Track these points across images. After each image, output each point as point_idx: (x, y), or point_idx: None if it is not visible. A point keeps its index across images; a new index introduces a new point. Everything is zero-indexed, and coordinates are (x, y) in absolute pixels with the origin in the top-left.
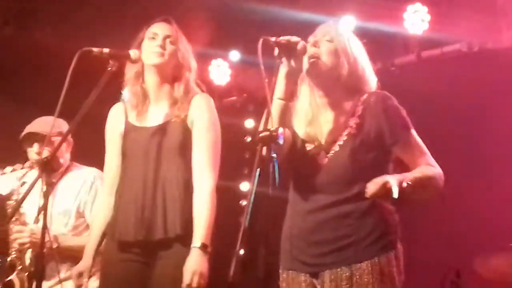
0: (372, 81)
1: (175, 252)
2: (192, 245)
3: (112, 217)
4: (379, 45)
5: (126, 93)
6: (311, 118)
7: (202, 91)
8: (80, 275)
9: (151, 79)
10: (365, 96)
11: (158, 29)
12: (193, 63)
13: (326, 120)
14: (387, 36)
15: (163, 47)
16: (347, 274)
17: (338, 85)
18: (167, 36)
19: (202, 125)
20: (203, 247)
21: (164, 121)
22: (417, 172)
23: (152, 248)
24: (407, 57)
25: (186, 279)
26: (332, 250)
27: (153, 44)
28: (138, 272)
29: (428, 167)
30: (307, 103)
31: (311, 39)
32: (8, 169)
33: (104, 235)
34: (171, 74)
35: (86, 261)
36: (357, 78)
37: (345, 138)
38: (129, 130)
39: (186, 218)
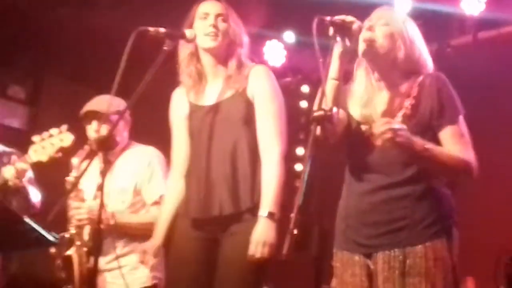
0: (428, 63)
1: (246, 226)
2: (259, 214)
3: (184, 196)
4: (435, 26)
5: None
6: (366, 100)
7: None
8: (144, 252)
9: (206, 59)
10: (421, 78)
11: (209, 8)
12: (245, 38)
13: (381, 102)
14: (443, 17)
15: (216, 27)
16: (400, 256)
17: (394, 68)
18: (219, 15)
19: (264, 94)
20: (270, 215)
21: (222, 97)
22: (442, 149)
23: (224, 223)
24: (463, 38)
25: (250, 250)
26: (386, 232)
27: (205, 24)
28: (208, 249)
29: (458, 154)
30: (363, 86)
31: (366, 23)
32: (46, 134)
33: (173, 218)
34: (224, 52)
35: (153, 242)
36: (414, 61)
37: (400, 119)
38: (193, 111)
39: (256, 190)
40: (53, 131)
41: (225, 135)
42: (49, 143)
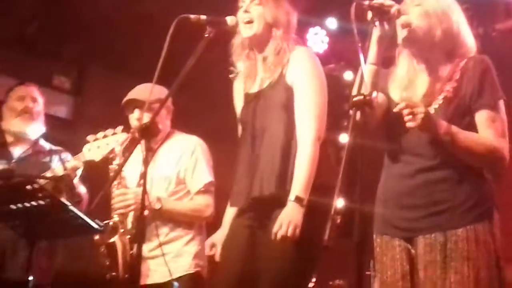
0: (470, 42)
1: (276, 215)
2: (288, 198)
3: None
4: (480, 10)
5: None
6: (407, 83)
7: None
8: (212, 245)
9: (254, 46)
10: (464, 61)
11: None
12: (285, 20)
13: (422, 85)
14: (489, 1)
15: (247, 11)
16: (442, 240)
17: (435, 48)
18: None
19: (303, 79)
20: (298, 200)
21: (264, 84)
22: (471, 134)
23: (262, 209)
24: (509, 22)
25: (274, 227)
26: (426, 215)
27: (241, 11)
28: (250, 237)
29: (489, 139)
30: (405, 70)
31: (400, 7)
32: (100, 134)
33: None
34: (263, 36)
35: (220, 233)
36: (453, 38)
37: (440, 102)
38: (244, 100)
39: (285, 177)
40: (108, 131)
41: (264, 123)
42: (105, 143)
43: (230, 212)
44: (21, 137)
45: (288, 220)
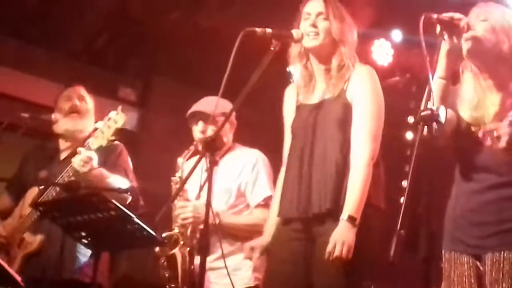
0: None
1: (328, 228)
2: (340, 217)
3: (280, 195)
4: None
5: (294, 72)
6: (477, 103)
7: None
8: (252, 249)
9: (312, 59)
10: None
11: (310, 8)
12: (350, 36)
13: (492, 103)
14: None
15: (315, 26)
16: (510, 258)
17: (501, 63)
18: (319, 13)
19: (362, 98)
20: (350, 219)
21: (323, 97)
22: None
23: (310, 225)
24: None
25: (328, 248)
26: (495, 232)
27: (306, 24)
28: (302, 250)
29: None
30: (472, 88)
31: (465, 22)
32: (106, 118)
33: None
34: (327, 51)
35: (262, 239)
36: None
37: (511, 118)
38: (298, 109)
39: (339, 193)
40: (111, 114)
41: (319, 136)
42: (107, 126)
43: (273, 220)
44: (70, 136)
45: (341, 240)
